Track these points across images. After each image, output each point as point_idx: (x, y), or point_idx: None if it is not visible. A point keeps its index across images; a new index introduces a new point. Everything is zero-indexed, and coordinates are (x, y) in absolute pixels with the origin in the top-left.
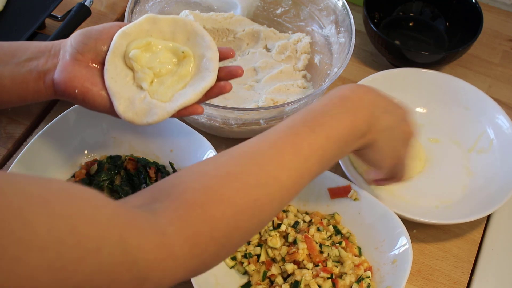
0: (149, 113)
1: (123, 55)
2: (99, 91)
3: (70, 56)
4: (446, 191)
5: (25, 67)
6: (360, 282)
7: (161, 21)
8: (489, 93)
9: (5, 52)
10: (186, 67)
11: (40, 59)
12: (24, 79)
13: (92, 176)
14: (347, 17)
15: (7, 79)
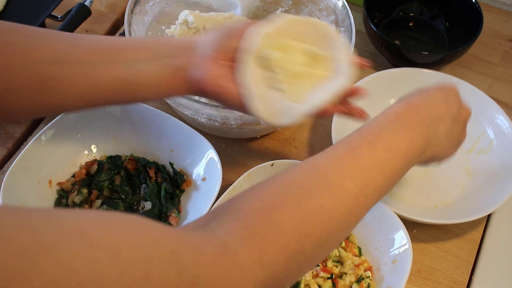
0: (284, 114)
1: (257, 54)
2: (234, 89)
3: (205, 53)
4: (446, 191)
5: (166, 64)
6: (360, 282)
7: (296, 23)
8: (489, 93)
9: (147, 48)
10: (319, 70)
11: (181, 57)
12: (165, 76)
13: (92, 176)
14: (347, 17)
15: (150, 76)
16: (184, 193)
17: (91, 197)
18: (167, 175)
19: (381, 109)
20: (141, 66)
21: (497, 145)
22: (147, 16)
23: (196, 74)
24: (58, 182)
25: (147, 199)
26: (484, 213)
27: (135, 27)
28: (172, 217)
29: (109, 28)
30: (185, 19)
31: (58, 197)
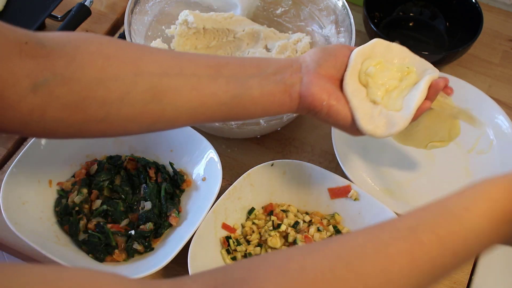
0: (389, 124)
1: (358, 72)
2: (343, 106)
3: (313, 70)
4: (445, 191)
5: (272, 79)
6: None
7: (389, 46)
8: (489, 93)
9: (251, 64)
10: (409, 80)
11: (285, 73)
12: (271, 91)
13: (92, 176)
14: (347, 17)
15: (257, 91)
16: (184, 193)
17: (91, 197)
18: (167, 175)
19: None
20: (249, 81)
21: (497, 145)
22: (147, 16)
23: (307, 89)
24: (58, 182)
25: (147, 199)
26: None
27: (135, 27)
28: (172, 217)
29: (109, 28)
30: (185, 19)
31: (58, 197)
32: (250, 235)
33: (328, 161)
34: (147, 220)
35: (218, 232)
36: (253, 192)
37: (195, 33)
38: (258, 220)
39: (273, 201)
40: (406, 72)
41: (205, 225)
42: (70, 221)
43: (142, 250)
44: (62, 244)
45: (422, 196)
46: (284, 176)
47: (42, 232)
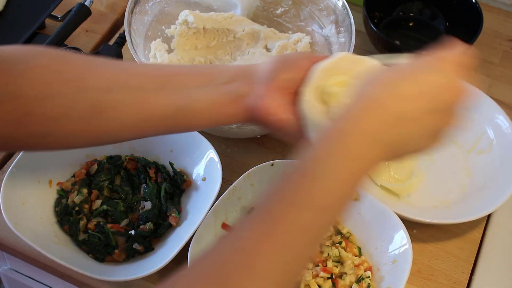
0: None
1: (317, 88)
2: (294, 120)
3: (266, 82)
4: (445, 191)
5: (221, 91)
6: (360, 282)
7: (357, 61)
8: (489, 93)
9: (201, 74)
10: None
11: (235, 83)
12: (220, 102)
13: (92, 176)
14: (347, 17)
15: (203, 103)
16: (184, 193)
17: (91, 197)
18: (167, 175)
19: None
20: (194, 92)
21: (497, 145)
22: (147, 16)
23: (257, 101)
24: (58, 182)
25: (147, 199)
26: (484, 213)
27: (135, 27)
28: (172, 217)
29: (109, 28)
30: (185, 19)
31: (58, 197)
32: None
33: None
34: (147, 220)
35: (218, 232)
36: (253, 192)
37: (195, 33)
38: None
39: None
40: None
41: (205, 225)
42: (70, 221)
43: (142, 250)
44: (62, 244)
45: (422, 196)
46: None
47: (42, 232)
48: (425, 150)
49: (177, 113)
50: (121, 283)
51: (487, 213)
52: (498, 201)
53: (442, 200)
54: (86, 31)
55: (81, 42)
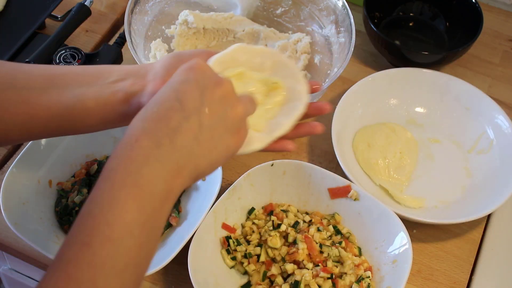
0: (246, 142)
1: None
2: None
3: (160, 79)
4: (445, 191)
5: (110, 89)
6: (360, 282)
7: (250, 51)
8: (489, 93)
9: (90, 73)
10: (276, 98)
11: (127, 81)
12: (109, 101)
13: (92, 176)
14: (347, 17)
15: (92, 101)
16: (184, 193)
17: None
18: None
19: (381, 109)
20: (82, 91)
21: (497, 145)
22: (147, 16)
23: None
24: (58, 182)
25: None
26: (484, 213)
27: (135, 27)
28: (172, 217)
29: (109, 28)
30: (185, 19)
31: (58, 197)
32: (250, 235)
33: (328, 161)
34: None
35: (218, 232)
36: (253, 192)
37: (195, 33)
38: (258, 220)
39: (273, 201)
40: (272, 87)
41: (205, 225)
42: (70, 221)
43: None
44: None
45: (422, 196)
46: (284, 176)
47: (42, 232)
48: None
49: (65, 112)
50: None
51: (487, 213)
52: (498, 201)
53: (442, 200)
54: (86, 31)
55: (81, 42)
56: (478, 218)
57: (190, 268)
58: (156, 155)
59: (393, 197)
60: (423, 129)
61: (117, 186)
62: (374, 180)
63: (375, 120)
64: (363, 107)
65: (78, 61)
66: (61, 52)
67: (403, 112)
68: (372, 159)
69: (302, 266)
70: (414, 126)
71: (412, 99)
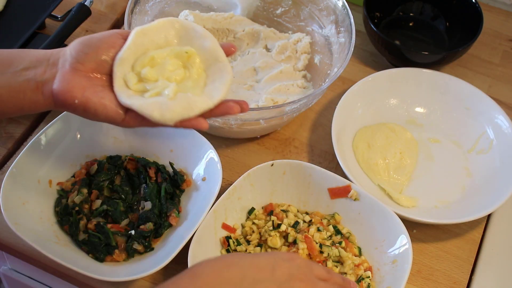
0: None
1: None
2: (101, 100)
3: (69, 66)
4: (445, 191)
5: (22, 77)
6: (360, 282)
7: (149, 31)
8: (489, 93)
9: (1, 60)
10: (197, 66)
11: (38, 68)
12: (21, 89)
13: (92, 176)
14: (347, 17)
15: (3, 89)
16: (184, 193)
17: (91, 197)
18: (167, 175)
19: (381, 109)
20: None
21: (497, 145)
22: (147, 16)
23: (58, 86)
24: (58, 182)
25: (147, 199)
26: (484, 213)
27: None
28: (172, 217)
29: (109, 28)
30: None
31: (58, 197)
32: (250, 235)
33: (328, 161)
34: (147, 220)
35: (218, 232)
36: (253, 192)
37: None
38: (258, 220)
39: (273, 201)
40: (187, 57)
41: (205, 225)
42: (70, 221)
43: (142, 250)
44: (62, 244)
45: (422, 196)
46: (284, 176)
47: (42, 232)
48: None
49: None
50: (121, 283)
51: (487, 213)
52: (498, 201)
53: (442, 200)
54: (86, 31)
55: None
56: (478, 218)
57: None
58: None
59: (391, 197)
60: (423, 129)
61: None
62: (374, 180)
63: (375, 120)
64: (363, 107)
65: None
66: None
67: (403, 112)
68: (372, 159)
69: None
70: (414, 126)
71: (412, 99)
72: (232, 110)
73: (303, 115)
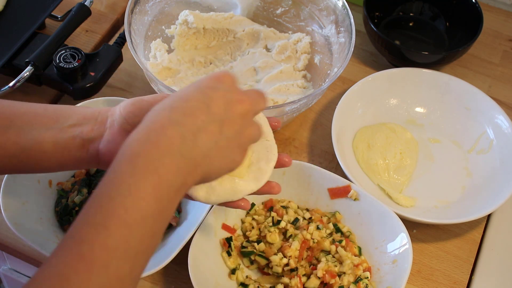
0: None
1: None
2: None
3: (119, 126)
4: (445, 191)
5: (68, 133)
6: (358, 283)
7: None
8: (489, 93)
9: (49, 116)
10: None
11: (85, 126)
12: (66, 146)
13: (92, 176)
14: (347, 17)
15: (49, 145)
16: None
17: None
18: None
19: (381, 109)
20: (39, 133)
21: (497, 145)
22: (147, 16)
23: (106, 146)
24: (58, 182)
25: None
26: (484, 213)
27: (135, 27)
28: (172, 217)
29: (109, 28)
30: (185, 19)
31: (58, 197)
32: (250, 231)
33: (328, 161)
34: None
35: (218, 232)
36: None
37: (195, 33)
38: (258, 216)
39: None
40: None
41: (205, 225)
42: (70, 221)
43: None
44: None
45: (422, 196)
46: (284, 176)
47: (42, 232)
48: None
49: (21, 154)
50: None
51: (487, 213)
52: (498, 201)
53: (442, 200)
54: (86, 31)
55: (81, 42)
56: (478, 218)
57: (190, 268)
58: (180, 147)
59: (391, 197)
60: (423, 129)
61: (139, 171)
62: (374, 180)
63: (375, 120)
64: (363, 107)
65: (78, 61)
66: (61, 52)
67: (403, 112)
68: (372, 159)
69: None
70: (414, 126)
71: (412, 99)
72: (274, 190)
73: (303, 115)
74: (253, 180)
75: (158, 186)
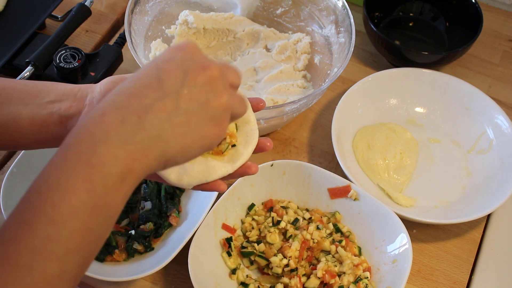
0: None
1: None
2: None
3: (97, 103)
4: (445, 191)
5: (46, 109)
6: (358, 283)
7: None
8: (489, 93)
9: (28, 91)
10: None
11: (64, 102)
12: (44, 122)
13: None
14: (347, 17)
15: (26, 121)
16: (184, 193)
17: None
18: None
19: (381, 109)
20: (17, 109)
21: (497, 145)
22: (147, 16)
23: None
24: None
25: (147, 199)
26: (484, 213)
27: (135, 27)
28: (172, 217)
29: (109, 28)
30: (185, 19)
31: None
32: (250, 231)
33: (328, 161)
34: (147, 220)
35: (218, 232)
36: (253, 192)
37: (195, 33)
38: (258, 216)
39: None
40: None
41: (205, 225)
42: None
43: (142, 250)
44: None
45: (422, 196)
46: (284, 176)
47: None
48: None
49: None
50: (121, 283)
51: (487, 213)
52: (498, 201)
53: (442, 200)
54: (86, 31)
55: (81, 42)
56: (478, 218)
57: (190, 268)
58: (118, 132)
59: (391, 197)
60: (423, 129)
61: (69, 164)
62: (374, 180)
63: (375, 120)
64: (363, 107)
65: (78, 61)
66: (61, 52)
67: (403, 112)
68: (372, 159)
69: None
70: (414, 126)
71: (412, 99)
72: (250, 170)
73: (303, 115)
74: (229, 162)
75: (90, 178)
